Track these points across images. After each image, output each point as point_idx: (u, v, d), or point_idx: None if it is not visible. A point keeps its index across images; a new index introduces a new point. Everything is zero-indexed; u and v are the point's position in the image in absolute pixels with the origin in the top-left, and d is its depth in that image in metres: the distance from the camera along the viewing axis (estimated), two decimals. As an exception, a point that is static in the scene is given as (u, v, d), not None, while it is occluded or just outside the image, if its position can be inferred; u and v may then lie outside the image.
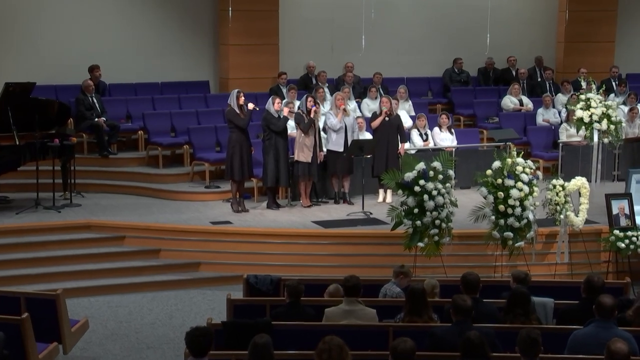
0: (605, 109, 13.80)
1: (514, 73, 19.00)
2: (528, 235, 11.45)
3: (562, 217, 11.96)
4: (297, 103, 14.54)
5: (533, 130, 16.71)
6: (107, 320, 10.81)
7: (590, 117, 13.79)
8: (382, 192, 14.26)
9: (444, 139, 15.41)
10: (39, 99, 13.83)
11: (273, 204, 13.75)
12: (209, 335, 6.41)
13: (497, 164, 11.36)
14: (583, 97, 14.01)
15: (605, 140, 14.01)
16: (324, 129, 14.17)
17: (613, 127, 13.85)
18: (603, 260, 12.46)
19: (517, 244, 11.36)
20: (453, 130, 15.75)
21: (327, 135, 14.12)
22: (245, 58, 17.11)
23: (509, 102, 17.69)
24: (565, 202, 11.94)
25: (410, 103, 17.00)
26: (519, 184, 11.22)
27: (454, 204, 11.39)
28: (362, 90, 17.54)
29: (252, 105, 13.42)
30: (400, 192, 11.43)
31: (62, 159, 13.90)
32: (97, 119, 15.26)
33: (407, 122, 15.46)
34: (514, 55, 19.21)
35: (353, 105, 16.00)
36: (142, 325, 10.68)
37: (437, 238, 11.24)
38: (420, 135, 15.37)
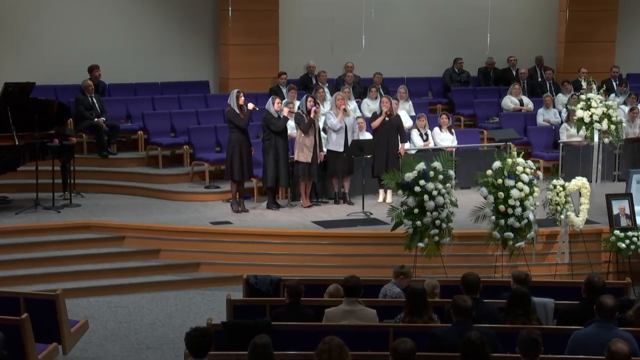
0: (606, 109, 13.78)
1: (515, 73, 18.98)
2: (528, 236, 11.45)
3: (562, 217, 11.95)
4: (297, 103, 14.52)
5: (533, 130, 16.69)
6: (106, 321, 10.79)
7: (591, 117, 13.77)
8: (382, 192, 14.24)
9: (444, 139, 15.39)
10: (39, 99, 13.81)
11: (273, 204, 13.74)
12: (209, 336, 6.39)
13: (497, 164, 11.35)
14: (583, 97, 14.00)
15: (606, 141, 13.99)
16: (324, 129, 14.15)
17: (613, 127, 13.84)
18: (603, 261, 12.45)
19: (517, 244, 11.36)
20: (453, 131, 15.74)
21: (327, 136, 14.10)
22: (245, 58, 17.09)
23: (509, 102, 17.67)
24: (566, 202, 11.93)
25: (411, 103, 16.98)
26: (520, 184, 11.21)
27: (454, 204, 11.39)
28: (362, 90, 17.52)
29: (251, 105, 13.40)
30: (401, 192, 11.42)
31: (61, 159, 13.89)
32: (96, 119, 15.25)
33: (407, 122, 15.44)
34: (515, 55, 19.19)
35: (353, 106, 15.98)
36: (141, 326, 10.67)
37: (437, 238, 11.24)
38: (421, 136, 15.36)
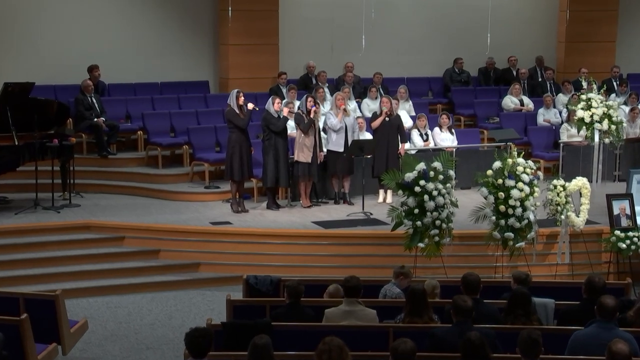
0: (606, 109, 13.77)
1: (515, 73, 18.96)
2: (529, 236, 11.44)
3: (563, 217, 11.94)
4: (297, 103, 14.51)
5: (534, 131, 16.68)
6: (106, 321, 10.78)
7: (591, 117, 13.76)
8: (382, 192, 14.22)
9: (445, 139, 15.38)
10: (38, 99, 13.80)
11: (273, 205, 13.72)
12: (209, 336, 6.39)
13: (497, 164, 11.34)
14: (584, 97, 13.98)
15: (606, 141, 13.98)
16: (324, 129, 14.14)
17: (614, 127, 13.82)
18: (604, 261, 12.43)
19: (517, 245, 11.34)
20: (453, 131, 15.72)
21: (327, 136, 14.09)
22: (245, 58, 17.07)
23: (510, 102, 17.65)
24: (566, 202, 11.92)
25: (411, 103, 16.96)
26: (520, 185, 11.19)
27: (455, 205, 11.37)
28: (362, 90, 17.50)
29: (251, 105, 13.39)
30: (401, 192, 11.41)
31: (61, 159, 13.87)
32: (96, 119, 15.24)
33: (407, 122, 15.43)
34: (515, 55, 19.17)
35: (353, 106, 15.96)
36: (141, 326, 10.66)
37: (437, 238, 11.22)
38: (421, 136, 15.34)
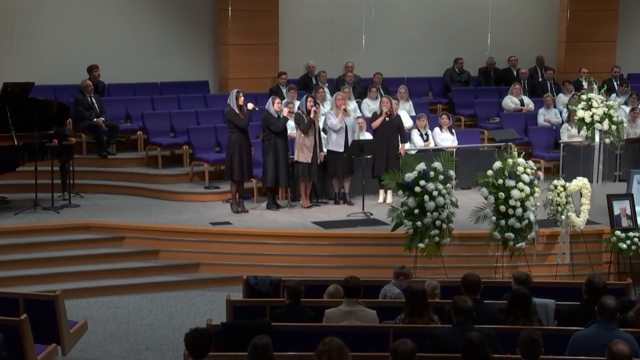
0: (607, 109, 13.75)
1: (515, 73, 18.94)
2: (529, 236, 11.44)
3: (563, 217, 11.93)
4: (297, 103, 14.49)
5: (534, 131, 16.66)
6: (106, 322, 10.77)
7: (592, 117, 13.73)
8: (382, 192, 14.20)
9: (445, 139, 15.36)
10: (38, 99, 13.78)
11: (273, 205, 13.70)
12: (209, 337, 6.38)
13: (498, 165, 11.34)
14: (584, 97, 13.96)
15: (607, 141, 13.96)
16: (324, 129, 14.12)
17: (614, 127, 13.80)
18: (604, 261, 12.42)
19: (518, 245, 11.34)
20: (454, 131, 15.71)
21: (327, 136, 14.07)
22: (245, 58, 17.05)
23: (510, 102, 17.63)
24: (567, 202, 11.91)
25: (411, 103, 16.95)
26: (520, 185, 11.19)
27: (455, 205, 11.36)
28: (362, 90, 17.48)
29: (251, 105, 13.37)
30: (401, 192, 11.40)
31: (60, 160, 13.86)
32: (96, 119, 15.22)
33: (407, 122, 15.41)
34: (515, 55, 19.14)
35: (353, 106, 15.94)
36: (141, 327, 10.64)
37: (437, 239, 11.21)
38: (421, 136, 15.33)
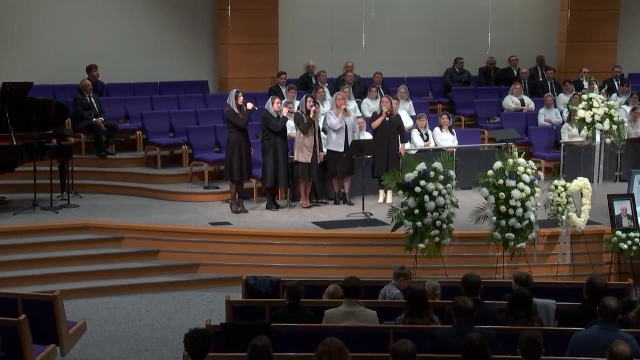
0: (608, 109, 13.72)
1: (516, 73, 18.92)
2: (530, 237, 11.43)
3: (564, 218, 11.90)
4: (296, 103, 14.47)
5: (535, 131, 16.65)
6: (105, 322, 10.75)
7: (593, 117, 13.71)
8: (382, 193, 14.18)
9: (445, 140, 15.33)
10: (37, 99, 13.77)
11: (272, 205, 13.68)
12: (208, 338, 6.39)
13: (498, 165, 11.32)
14: (585, 97, 13.93)
15: (608, 141, 13.93)
16: (324, 130, 14.09)
17: (615, 127, 13.77)
18: (605, 262, 12.40)
19: (518, 245, 11.32)
20: (454, 131, 15.69)
21: (327, 136, 14.05)
22: (245, 58, 17.03)
23: (511, 102, 17.61)
24: (568, 203, 11.89)
25: (411, 103, 16.93)
26: (521, 185, 11.17)
27: (455, 205, 11.34)
28: (362, 90, 17.47)
29: (251, 105, 13.34)
30: (401, 193, 11.37)
31: (60, 160, 13.84)
32: (95, 119, 15.20)
33: (407, 122, 15.39)
34: (516, 55, 19.12)
35: (353, 106, 15.92)
36: (140, 327, 10.62)
37: (438, 239, 11.19)
38: (421, 136, 15.30)
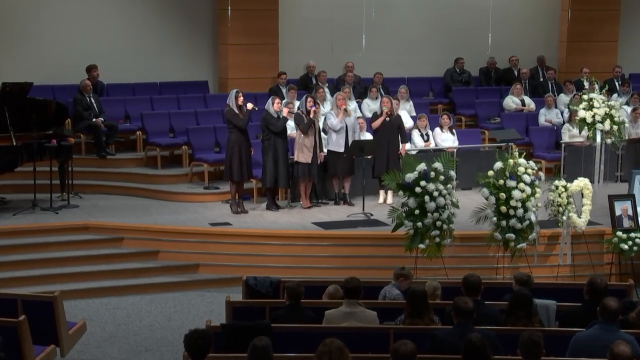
0: (608, 109, 13.70)
1: (516, 73, 18.90)
2: (530, 237, 11.42)
3: (564, 218, 11.89)
4: (296, 103, 14.45)
5: (535, 131, 16.63)
6: (105, 323, 10.73)
7: (593, 117, 13.69)
8: (382, 193, 14.16)
9: (445, 140, 15.32)
10: (37, 99, 13.76)
11: (272, 205, 13.66)
12: (208, 338, 6.38)
13: (498, 165, 11.31)
14: (586, 97, 13.91)
15: (608, 141, 13.91)
16: (324, 130, 14.08)
17: (616, 127, 13.75)
18: (606, 262, 12.39)
19: (519, 246, 11.31)
20: (454, 131, 15.67)
21: (327, 136, 14.03)
22: (245, 58, 17.01)
23: (511, 102, 17.60)
24: (568, 203, 11.88)
25: (411, 103, 16.91)
26: (521, 185, 11.16)
27: (456, 205, 11.33)
28: (362, 90, 17.45)
29: (250, 105, 13.33)
30: (401, 193, 11.36)
31: (59, 160, 13.83)
32: (94, 120, 15.18)
33: (408, 122, 15.38)
34: (516, 55, 19.10)
35: (353, 106, 15.91)
36: (140, 328, 10.61)
37: (438, 239, 11.18)
38: (422, 136, 15.28)
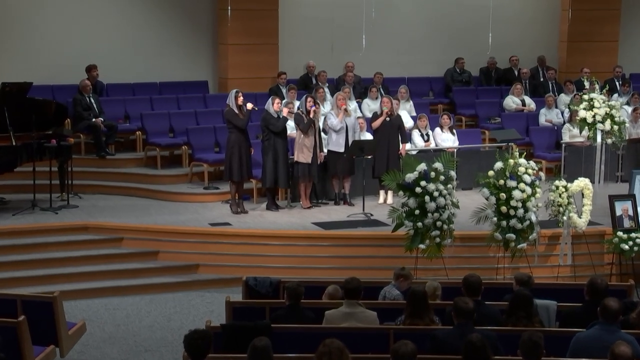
0: (609, 109, 13.70)
1: (516, 73, 18.89)
2: (530, 237, 11.41)
3: (565, 218, 11.88)
4: (296, 103, 14.44)
5: (535, 131, 16.61)
6: (104, 323, 10.72)
7: (594, 117, 13.69)
8: (382, 193, 14.15)
9: (446, 140, 15.30)
10: (36, 99, 13.75)
11: (272, 205, 13.65)
12: (208, 338, 6.38)
13: (499, 165, 11.30)
14: (586, 97, 13.91)
15: (609, 141, 13.90)
16: (324, 130, 14.07)
17: (616, 127, 13.74)
18: (606, 262, 12.38)
19: (519, 246, 11.30)
20: (455, 131, 15.65)
21: (327, 136, 14.02)
22: (245, 58, 17.00)
23: (511, 102, 17.58)
24: (568, 203, 11.87)
25: (412, 103, 16.89)
26: (522, 185, 11.15)
27: (456, 206, 11.32)
28: (362, 90, 17.43)
29: (250, 105, 13.31)
30: (401, 193, 11.34)
31: (59, 160, 13.82)
32: (94, 120, 15.18)
33: (408, 122, 15.37)
34: (516, 55, 19.09)
35: (354, 106, 15.90)
36: (140, 328, 10.60)
37: (438, 240, 11.16)
38: (422, 136, 15.27)
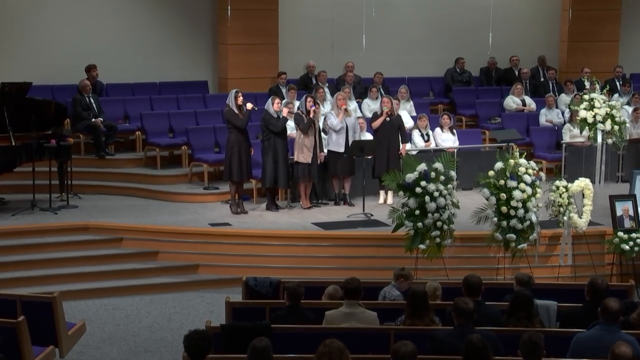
0: (609, 109, 13.68)
1: (517, 73, 18.88)
2: (531, 237, 11.41)
3: (565, 218, 11.87)
4: (296, 103, 14.42)
5: (536, 131, 16.60)
6: (104, 324, 10.72)
7: (594, 117, 13.67)
8: (383, 193, 14.14)
9: (446, 140, 15.29)
10: (36, 99, 13.74)
11: (272, 206, 13.63)
12: (208, 339, 6.37)
13: (499, 165, 11.30)
14: (587, 97, 13.89)
15: (609, 141, 13.88)
16: (324, 130, 14.05)
17: (617, 127, 13.72)
18: (607, 263, 12.37)
19: (519, 246, 11.28)
20: (455, 131, 15.64)
21: (327, 136, 14.01)
22: (245, 58, 16.99)
23: (512, 102, 17.57)
24: (569, 203, 11.86)
25: (412, 103, 16.89)
26: (522, 185, 11.15)
27: (456, 206, 11.31)
28: (362, 90, 17.42)
29: (250, 105, 13.30)
30: (402, 193, 11.33)
31: (58, 160, 13.80)
32: (94, 120, 15.17)
33: (408, 122, 15.36)
34: (517, 55, 19.08)
35: (354, 106, 15.89)
36: (139, 329, 10.59)
37: (438, 240, 11.15)
38: (422, 136, 15.26)
